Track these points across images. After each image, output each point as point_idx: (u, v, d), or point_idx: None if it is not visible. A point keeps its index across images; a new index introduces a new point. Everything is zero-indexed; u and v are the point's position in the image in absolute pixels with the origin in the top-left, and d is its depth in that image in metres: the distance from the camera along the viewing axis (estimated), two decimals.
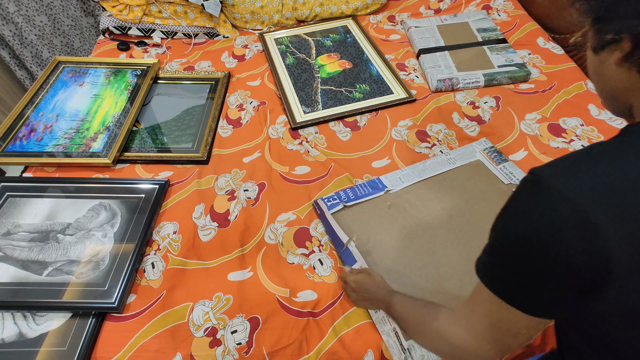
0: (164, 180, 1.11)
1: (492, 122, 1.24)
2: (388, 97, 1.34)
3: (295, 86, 1.39)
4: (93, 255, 0.95)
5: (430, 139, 1.21)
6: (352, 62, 1.48)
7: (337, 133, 1.24)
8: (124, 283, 0.90)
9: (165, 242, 1.00)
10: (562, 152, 1.13)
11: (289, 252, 0.96)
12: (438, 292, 0.87)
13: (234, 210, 1.06)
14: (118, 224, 1.01)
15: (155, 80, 1.42)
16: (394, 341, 0.79)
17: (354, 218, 1.01)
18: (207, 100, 1.36)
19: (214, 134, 1.26)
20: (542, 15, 1.57)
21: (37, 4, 1.60)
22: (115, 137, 1.19)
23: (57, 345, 0.82)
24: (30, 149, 1.17)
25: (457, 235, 0.96)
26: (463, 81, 1.34)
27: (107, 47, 1.56)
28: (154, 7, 1.55)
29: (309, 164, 1.16)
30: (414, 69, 1.45)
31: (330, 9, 1.65)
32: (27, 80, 1.72)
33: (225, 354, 0.82)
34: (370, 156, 1.18)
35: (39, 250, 0.96)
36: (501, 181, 1.06)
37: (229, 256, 0.97)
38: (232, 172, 1.15)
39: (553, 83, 1.33)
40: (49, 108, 1.28)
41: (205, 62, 1.53)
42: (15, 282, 0.90)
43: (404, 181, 1.08)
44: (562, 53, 1.42)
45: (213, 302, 0.89)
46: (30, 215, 1.02)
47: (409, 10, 1.72)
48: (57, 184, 1.09)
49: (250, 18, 1.62)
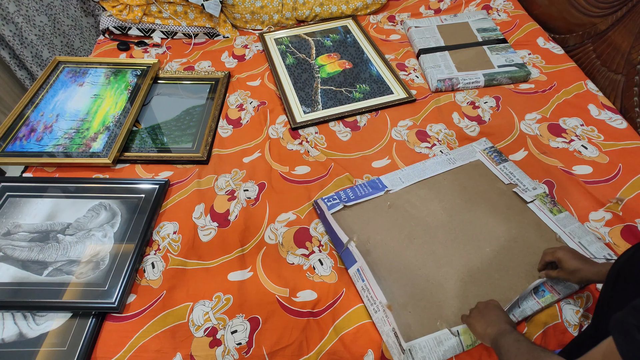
0: (164, 180, 1.11)
1: (492, 122, 1.24)
2: (388, 97, 1.34)
3: (295, 86, 1.39)
4: (93, 255, 0.95)
5: (430, 139, 1.21)
6: (352, 62, 1.48)
7: (337, 133, 1.24)
8: (124, 283, 0.90)
9: (165, 242, 1.00)
10: (562, 152, 1.13)
11: (289, 252, 0.96)
12: (438, 292, 0.87)
13: (234, 210, 1.06)
14: (118, 224, 1.01)
15: (155, 80, 1.42)
16: (393, 342, 0.79)
17: (354, 218, 1.01)
18: (207, 100, 1.36)
19: (214, 134, 1.26)
20: (542, 15, 1.57)
21: (37, 4, 1.60)
22: (115, 137, 1.19)
23: (57, 345, 0.82)
24: (30, 149, 1.17)
25: (457, 235, 0.96)
26: (463, 81, 1.34)
27: (107, 47, 1.56)
28: (154, 7, 1.55)
29: (309, 164, 1.16)
30: (414, 69, 1.45)
31: (330, 9, 1.65)
32: (27, 80, 1.72)
33: (225, 354, 0.82)
34: (370, 156, 1.18)
35: (39, 250, 0.96)
36: (501, 181, 1.06)
37: (229, 256, 0.97)
38: (232, 172, 1.15)
39: (553, 83, 1.33)
40: (49, 108, 1.28)
41: (205, 62, 1.53)
42: (15, 282, 0.90)
43: (404, 181, 1.08)
44: (562, 53, 1.42)
45: (213, 302, 0.89)
46: (30, 215, 1.02)
47: (409, 10, 1.72)
48: (57, 184, 1.09)
49: (250, 18, 1.62)
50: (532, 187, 1.03)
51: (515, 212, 0.99)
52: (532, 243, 0.93)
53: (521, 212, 0.99)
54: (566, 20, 1.44)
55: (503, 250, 0.93)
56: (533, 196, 1.01)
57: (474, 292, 0.86)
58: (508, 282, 0.87)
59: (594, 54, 1.34)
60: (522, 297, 0.83)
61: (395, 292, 0.87)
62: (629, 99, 1.21)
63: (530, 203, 1.01)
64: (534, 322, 0.84)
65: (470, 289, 0.87)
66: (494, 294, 0.86)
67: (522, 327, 0.83)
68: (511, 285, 0.87)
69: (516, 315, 0.82)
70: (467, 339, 0.80)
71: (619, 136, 1.15)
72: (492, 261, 0.91)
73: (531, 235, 0.95)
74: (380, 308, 0.83)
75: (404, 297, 0.86)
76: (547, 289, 0.85)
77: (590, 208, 1.01)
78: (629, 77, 1.21)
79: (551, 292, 0.85)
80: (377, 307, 0.84)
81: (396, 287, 0.88)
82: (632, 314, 0.42)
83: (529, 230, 0.96)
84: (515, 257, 0.91)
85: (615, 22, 1.24)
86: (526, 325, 0.83)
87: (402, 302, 0.85)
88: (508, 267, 0.90)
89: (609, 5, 1.25)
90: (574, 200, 1.02)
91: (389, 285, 0.88)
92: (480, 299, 0.81)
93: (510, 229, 0.96)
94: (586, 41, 1.37)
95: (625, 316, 0.43)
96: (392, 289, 0.87)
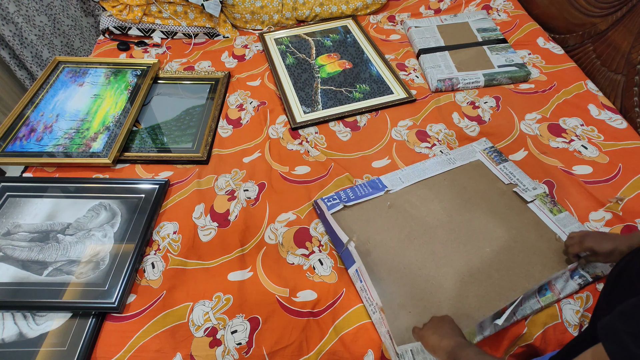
0: (164, 180, 1.11)
1: (492, 122, 1.24)
2: (388, 97, 1.34)
3: (295, 86, 1.39)
4: (93, 255, 0.95)
5: (430, 139, 1.21)
6: (352, 62, 1.48)
7: (337, 133, 1.24)
8: (124, 283, 0.90)
9: (165, 242, 1.00)
10: (562, 152, 1.13)
11: (289, 252, 0.96)
12: (438, 292, 0.87)
13: (234, 210, 1.06)
14: (118, 224, 1.01)
15: (155, 80, 1.42)
16: (389, 343, 0.79)
17: (354, 218, 1.01)
18: (207, 100, 1.36)
19: (214, 134, 1.26)
20: (542, 15, 1.57)
21: (37, 4, 1.60)
22: (115, 137, 1.19)
23: (57, 345, 0.82)
24: (30, 149, 1.17)
25: (457, 235, 0.96)
26: (463, 81, 1.34)
27: (107, 47, 1.56)
28: (154, 7, 1.55)
29: (309, 164, 1.16)
30: (414, 69, 1.45)
31: (330, 9, 1.65)
32: (27, 80, 1.72)
33: (225, 354, 0.82)
34: (370, 156, 1.18)
35: (39, 250, 0.96)
36: (501, 181, 1.06)
37: (229, 256, 0.97)
38: (232, 172, 1.15)
39: (553, 83, 1.33)
40: (49, 108, 1.28)
41: (205, 62, 1.53)
42: (16, 282, 0.90)
43: (404, 181, 1.08)
44: (562, 53, 1.42)
45: (213, 302, 0.89)
46: (31, 215, 1.02)
47: (409, 10, 1.72)
48: (57, 184, 1.09)
49: (250, 18, 1.62)
50: (532, 187, 1.03)
51: (515, 212, 0.99)
52: (532, 243, 0.93)
53: (521, 212, 0.99)
54: (566, 20, 1.44)
55: (503, 250, 0.93)
56: (533, 196, 1.01)
57: (474, 292, 0.86)
58: (508, 282, 0.87)
59: (594, 54, 1.34)
60: (527, 295, 0.83)
61: (395, 292, 0.87)
62: (629, 99, 1.21)
63: (530, 203, 1.01)
64: (534, 322, 0.84)
65: (470, 289, 0.87)
66: (494, 294, 0.86)
67: (522, 327, 0.83)
68: (511, 285, 0.87)
69: (517, 314, 0.82)
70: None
71: (619, 136, 1.15)
72: (492, 261, 0.91)
73: (531, 235, 0.95)
74: (377, 309, 0.83)
75: (403, 297, 0.86)
76: (549, 288, 0.85)
77: (590, 208, 1.01)
78: (629, 77, 1.21)
79: (552, 291, 0.85)
80: (375, 308, 0.84)
81: (396, 287, 0.88)
82: (621, 319, 0.42)
83: (529, 230, 0.96)
84: (515, 257, 0.91)
85: (615, 22, 1.24)
86: (526, 325, 0.83)
87: (401, 303, 0.85)
88: (508, 267, 0.90)
89: (609, 5, 1.25)
90: (574, 200, 1.02)
91: (388, 286, 0.88)
92: (480, 299, 0.81)
93: (510, 229, 0.96)
94: (586, 41, 1.37)
95: (614, 321, 0.42)
96: (391, 289, 0.87)
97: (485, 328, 0.80)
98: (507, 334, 0.83)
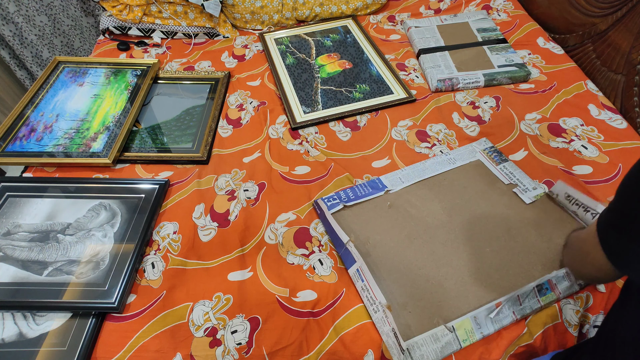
0: (164, 180, 1.11)
1: (492, 122, 1.24)
2: (388, 97, 1.34)
3: (295, 86, 1.39)
4: (93, 255, 0.95)
5: (430, 139, 1.21)
6: (352, 62, 1.48)
7: (337, 133, 1.24)
8: (124, 283, 0.90)
9: (165, 242, 1.00)
10: (562, 152, 1.13)
11: (289, 253, 0.96)
12: (438, 292, 0.87)
13: (234, 210, 1.06)
14: (118, 224, 1.01)
15: (155, 80, 1.42)
16: (393, 342, 0.79)
17: (354, 218, 1.01)
18: (207, 100, 1.36)
19: (214, 134, 1.26)
20: (542, 15, 1.57)
21: (37, 4, 1.60)
22: (115, 137, 1.19)
23: (57, 345, 0.82)
24: (30, 149, 1.17)
25: (457, 235, 0.96)
26: (463, 81, 1.34)
27: (107, 47, 1.56)
28: (154, 7, 1.55)
29: (309, 164, 1.16)
30: (414, 69, 1.45)
31: (330, 9, 1.65)
32: (27, 80, 1.72)
33: (225, 354, 0.82)
34: (370, 156, 1.18)
35: (39, 250, 0.96)
36: (501, 181, 1.06)
37: (229, 256, 0.97)
38: (232, 172, 1.15)
39: (553, 83, 1.33)
40: (49, 108, 1.28)
41: (205, 62, 1.53)
42: (15, 282, 0.90)
43: (404, 181, 1.08)
44: (562, 53, 1.42)
45: (213, 302, 0.89)
46: (30, 215, 1.02)
47: (409, 10, 1.72)
48: (57, 184, 1.09)
49: (250, 18, 1.62)
50: (532, 187, 1.03)
51: (515, 212, 0.99)
52: (532, 243, 0.93)
53: (521, 212, 0.99)
54: (566, 20, 1.44)
55: (503, 250, 0.93)
56: (533, 196, 1.01)
57: (474, 292, 0.86)
58: (508, 282, 0.87)
59: (594, 54, 1.34)
60: (524, 293, 0.83)
61: (394, 292, 0.87)
62: (629, 99, 1.21)
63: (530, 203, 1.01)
64: (534, 322, 0.84)
65: (470, 289, 0.87)
66: (494, 294, 0.86)
67: (521, 327, 0.83)
68: (511, 285, 0.87)
69: (516, 313, 0.83)
70: (462, 334, 0.80)
71: (619, 136, 1.15)
72: (492, 261, 0.91)
73: (531, 235, 0.95)
74: (379, 308, 0.83)
75: (403, 297, 0.86)
76: (550, 287, 0.85)
77: None
78: (629, 77, 1.21)
79: (553, 291, 0.85)
80: (377, 307, 0.84)
81: (396, 287, 0.88)
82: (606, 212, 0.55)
83: (529, 230, 0.96)
84: (515, 257, 0.91)
85: (615, 22, 1.24)
86: (526, 325, 0.83)
87: (401, 302, 0.85)
88: (508, 267, 0.90)
89: (609, 5, 1.25)
90: None
91: (388, 286, 0.88)
92: (480, 299, 0.81)
93: (510, 229, 0.96)
94: (586, 41, 1.37)
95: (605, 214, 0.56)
96: (391, 289, 0.87)
97: (482, 325, 0.81)
98: (507, 334, 0.83)
